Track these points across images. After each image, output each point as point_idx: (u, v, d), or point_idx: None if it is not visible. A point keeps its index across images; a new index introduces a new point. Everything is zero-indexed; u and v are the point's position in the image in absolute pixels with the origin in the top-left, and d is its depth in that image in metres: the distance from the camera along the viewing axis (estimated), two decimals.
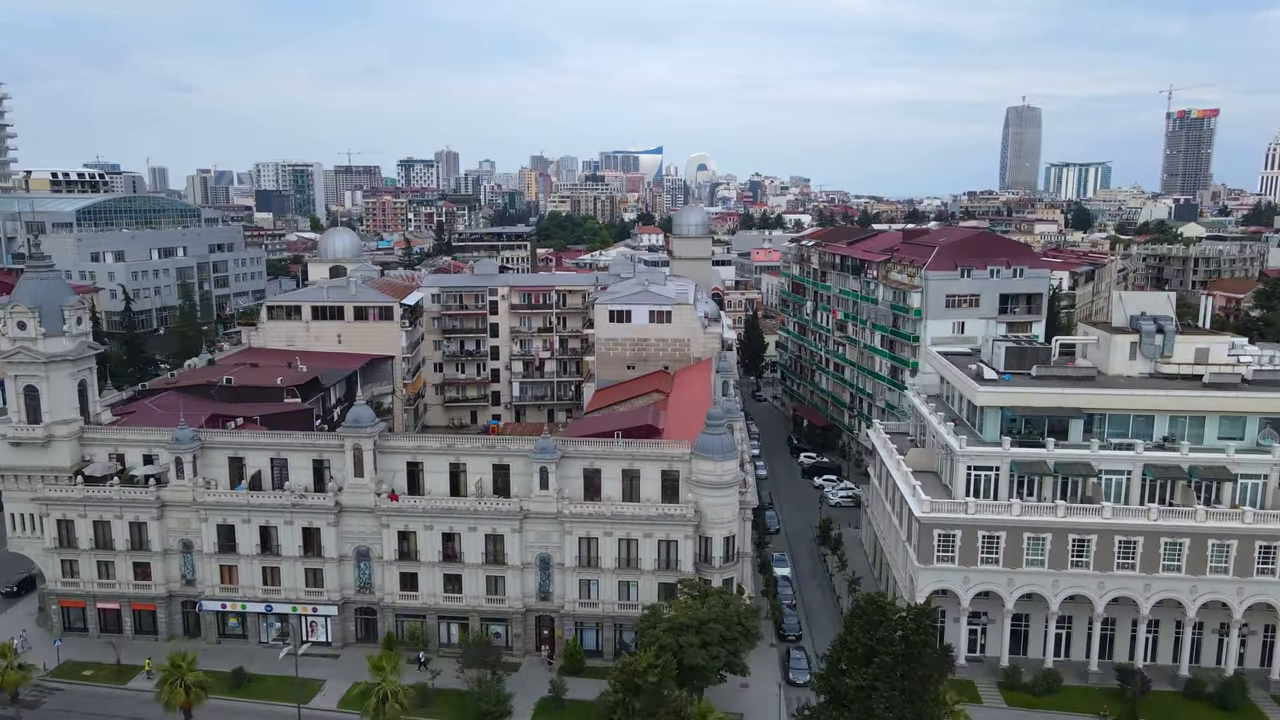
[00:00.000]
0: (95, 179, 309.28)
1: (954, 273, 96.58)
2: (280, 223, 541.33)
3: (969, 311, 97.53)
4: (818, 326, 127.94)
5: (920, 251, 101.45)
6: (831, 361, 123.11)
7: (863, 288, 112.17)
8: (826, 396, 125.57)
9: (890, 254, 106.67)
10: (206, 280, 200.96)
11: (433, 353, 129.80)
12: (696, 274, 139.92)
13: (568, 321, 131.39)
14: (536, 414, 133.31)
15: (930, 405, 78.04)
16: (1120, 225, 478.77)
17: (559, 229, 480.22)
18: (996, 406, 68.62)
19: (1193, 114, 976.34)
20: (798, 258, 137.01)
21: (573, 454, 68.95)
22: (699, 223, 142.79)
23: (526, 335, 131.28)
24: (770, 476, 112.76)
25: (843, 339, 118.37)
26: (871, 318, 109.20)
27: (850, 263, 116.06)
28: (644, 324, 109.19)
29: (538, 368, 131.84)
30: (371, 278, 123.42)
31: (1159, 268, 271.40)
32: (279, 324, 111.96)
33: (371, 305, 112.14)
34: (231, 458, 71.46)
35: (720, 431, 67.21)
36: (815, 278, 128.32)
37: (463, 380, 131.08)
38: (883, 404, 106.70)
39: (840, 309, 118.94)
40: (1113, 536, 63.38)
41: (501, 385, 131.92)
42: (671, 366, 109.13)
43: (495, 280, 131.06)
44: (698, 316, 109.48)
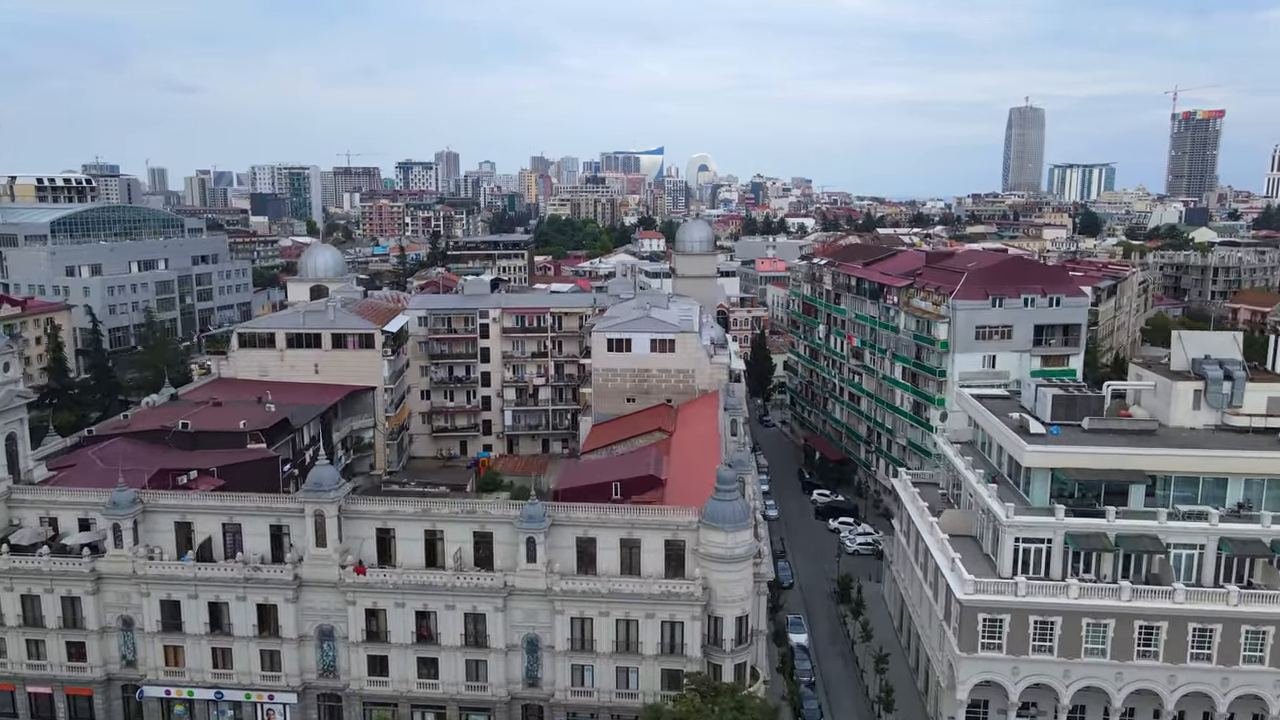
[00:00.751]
0: (82, 185, 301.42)
1: (984, 302, 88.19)
2: (276, 227, 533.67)
3: (1001, 344, 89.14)
4: (831, 352, 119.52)
5: (946, 277, 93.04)
6: (846, 391, 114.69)
7: (881, 314, 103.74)
8: (840, 428, 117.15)
9: (912, 279, 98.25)
10: (189, 293, 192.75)
11: (420, 379, 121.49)
12: (701, 293, 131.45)
13: (564, 345, 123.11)
14: (530, 444, 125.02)
15: (964, 457, 69.63)
16: (1130, 230, 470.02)
17: (558, 233, 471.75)
18: (1047, 468, 60.21)
19: (1198, 115, 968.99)
20: (809, 276, 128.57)
21: (564, 521, 60.59)
22: (703, 239, 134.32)
23: (519, 360, 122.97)
24: (781, 517, 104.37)
25: (859, 367, 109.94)
26: (891, 347, 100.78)
27: (867, 286, 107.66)
28: (645, 353, 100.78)
29: (531, 395, 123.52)
30: (353, 300, 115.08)
31: (1176, 277, 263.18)
32: (251, 353, 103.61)
33: (351, 333, 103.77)
34: (178, 522, 63.08)
35: (732, 497, 58.82)
36: (828, 299, 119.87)
37: (452, 409, 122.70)
38: (904, 441, 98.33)
39: (856, 335, 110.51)
40: (1185, 623, 55.02)
41: (493, 414, 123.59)
42: (675, 400, 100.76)
43: (486, 301, 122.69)
44: (703, 345, 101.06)
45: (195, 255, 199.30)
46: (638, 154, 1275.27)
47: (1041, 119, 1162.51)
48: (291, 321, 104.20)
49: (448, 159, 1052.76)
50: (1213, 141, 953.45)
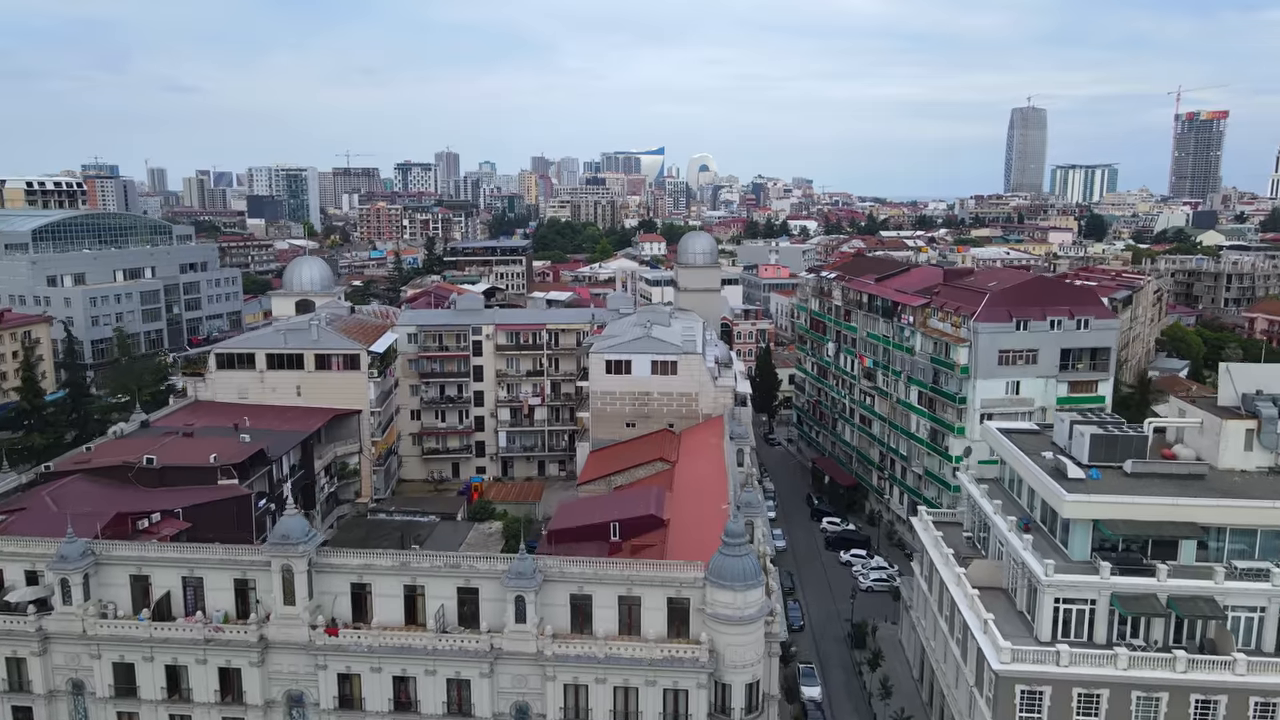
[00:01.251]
0: (73, 189, 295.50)
1: (1008, 325, 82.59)
2: (273, 229, 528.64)
3: (1025, 369, 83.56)
4: (840, 371, 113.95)
5: (965, 297, 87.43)
6: (857, 413, 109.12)
7: (895, 334, 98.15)
8: (851, 451, 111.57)
9: (929, 298, 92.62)
10: (176, 303, 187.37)
11: (409, 399, 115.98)
12: (704, 308, 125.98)
13: (560, 363, 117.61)
14: (526, 466, 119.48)
15: (991, 499, 64.03)
16: (1136, 233, 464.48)
17: (558, 236, 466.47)
18: (1088, 519, 54.59)
19: (1202, 115, 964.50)
20: (817, 290, 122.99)
21: (556, 577, 54.98)
22: (706, 251, 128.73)
23: (514, 379, 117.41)
24: (789, 548, 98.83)
25: (871, 389, 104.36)
26: (906, 370, 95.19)
27: (880, 304, 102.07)
28: (646, 376, 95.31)
29: (527, 415, 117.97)
30: (339, 316, 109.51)
31: (1188, 284, 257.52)
32: (229, 374, 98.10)
33: (335, 353, 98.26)
34: (134, 575, 57.54)
35: (742, 552, 53.25)
36: (838, 315, 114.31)
37: (443, 430, 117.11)
38: (920, 470, 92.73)
39: (868, 355, 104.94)
40: (1247, 698, 49.44)
41: (486, 434, 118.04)
42: (677, 425, 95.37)
43: (479, 317, 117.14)
44: (707, 366, 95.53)
45: (184, 263, 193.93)
46: (638, 154, 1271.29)
47: (1043, 119, 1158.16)
48: (272, 341, 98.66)
49: (448, 159, 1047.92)
50: (1216, 143, 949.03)
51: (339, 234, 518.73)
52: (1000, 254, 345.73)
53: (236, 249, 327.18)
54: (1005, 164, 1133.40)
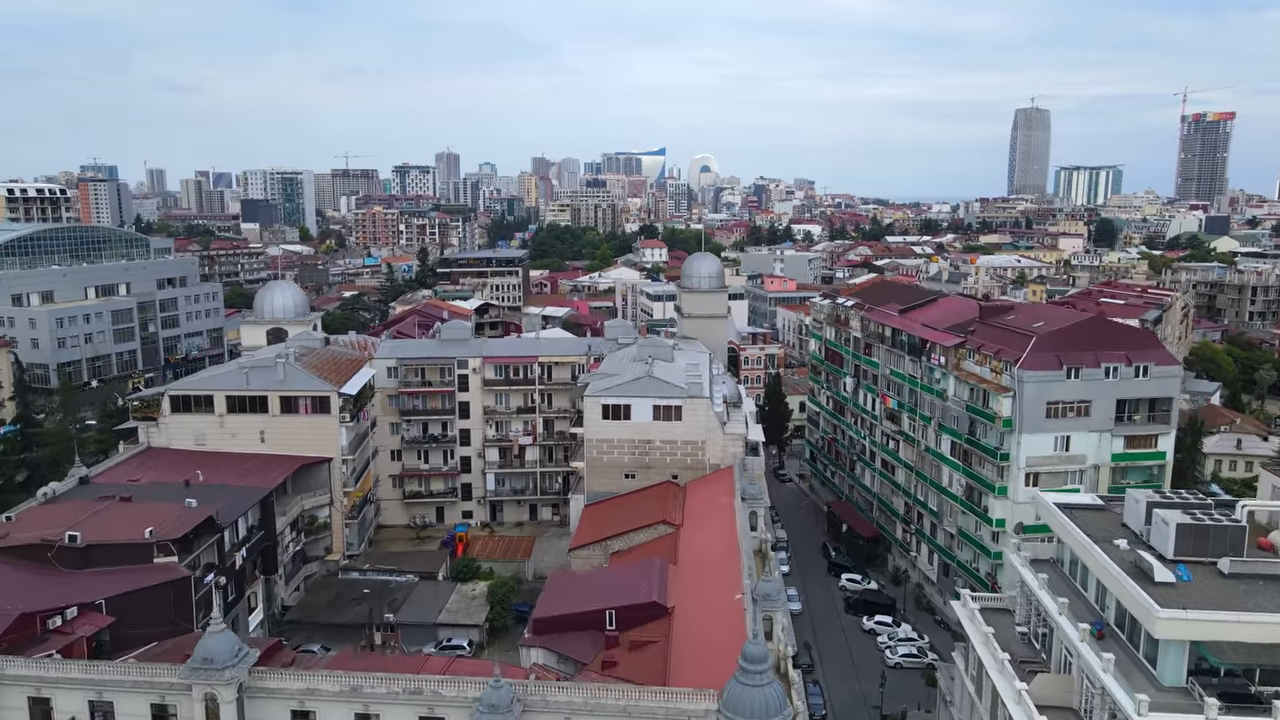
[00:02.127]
0: (57, 196, 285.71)
1: (1057, 373, 72.87)
2: (267, 233, 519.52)
3: (1076, 422, 73.84)
4: (859, 409, 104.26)
5: (1007, 339, 77.68)
6: (878, 457, 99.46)
7: (924, 375, 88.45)
8: (871, 497, 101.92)
9: (964, 336, 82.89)
10: (152, 320, 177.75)
11: (389, 438, 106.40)
12: (710, 336, 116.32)
13: (554, 399, 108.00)
14: (516, 510, 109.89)
15: (1053, 591, 54.32)
16: (1148, 239, 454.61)
17: (558, 240, 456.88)
18: (1185, 639, 44.90)
19: (1208, 117, 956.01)
20: (832, 318, 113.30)
21: (538, 707, 45.40)
22: (712, 274, 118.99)
23: (503, 416, 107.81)
24: (806, 611, 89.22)
25: (895, 433, 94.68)
26: (937, 415, 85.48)
27: (905, 339, 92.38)
28: (647, 422, 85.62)
29: (517, 456, 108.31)
30: (311, 349, 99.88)
31: (1211, 296, 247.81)
32: (185, 418, 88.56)
33: (303, 395, 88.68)
34: (33, 698, 47.99)
35: (762, 681, 43.58)
36: (857, 348, 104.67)
37: (426, 471, 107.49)
38: (953, 529, 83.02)
39: (892, 395, 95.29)
40: None
41: (473, 476, 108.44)
42: (682, 475, 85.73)
43: (465, 349, 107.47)
44: (715, 411, 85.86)
45: (161, 278, 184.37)
46: (639, 155, 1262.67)
47: (1047, 120, 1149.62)
48: (233, 382, 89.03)
49: (448, 160, 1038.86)
50: (1223, 144, 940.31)
51: (334, 239, 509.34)
52: (1011, 261, 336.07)
53: (226, 257, 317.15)
54: (1009, 165, 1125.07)
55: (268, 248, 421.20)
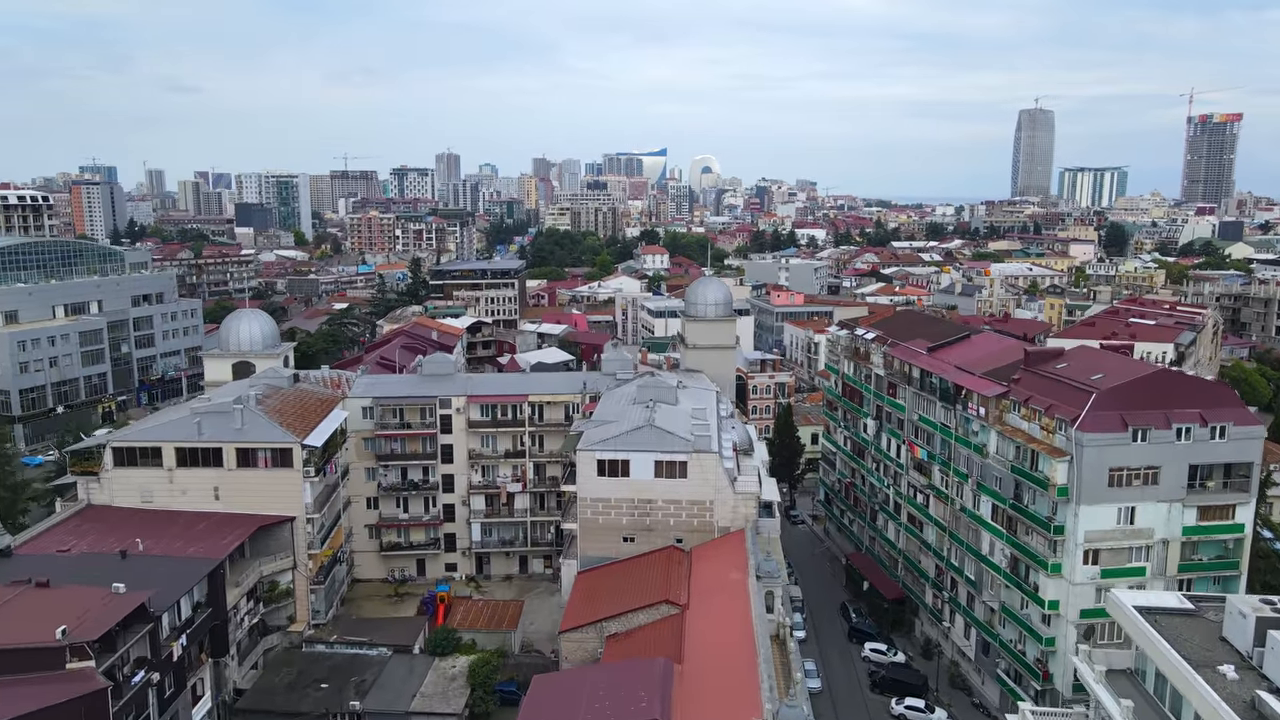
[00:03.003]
0: (39, 203, 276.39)
1: (1122, 435, 63.20)
2: (262, 238, 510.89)
3: (1142, 491, 64.19)
4: (882, 454, 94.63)
5: (1059, 392, 67.97)
6: (904, 509, 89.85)
7: (958, 425, 78.80)
8: (896, 554, 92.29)
9: (1006, 384, 73.21)
10: (125, 340, 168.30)
11: (364, 485, 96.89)
12: (717, 368, 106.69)
13: (545, 442, 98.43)
14: (505, 562, 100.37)
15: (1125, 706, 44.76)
16: (1160, 245, 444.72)
17: (557, 246, 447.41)
18: None
19: (1215, 118, 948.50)
20: (851, 351, 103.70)
21: None
22: (719, 301, 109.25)
23: (490, 460, 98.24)
24: (825, 688, 79.59)
25: (924, 486, 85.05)
26: (975, 474, 75.82)
27: (936, 383, 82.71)
28: (648, 479, 75.91)
29: (505, 504, 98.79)
30: (276, 390, 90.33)
31: (1235, 309, 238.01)
32: (130, 473, 79.07)
33: (262, 447, 79.16)
34: None
35: None
36: (879, 387, 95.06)
37: (405, 521, 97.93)
38: (994, 604, 73.32)
39: (920, 445, 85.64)
40: None
41: (457, 526, 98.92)
42: (687, 540, 76.10)
43: (448, 387, 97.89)
44: (725, 466, 76.20)
45: (136, 295, 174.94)
46: (640, 155, 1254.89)
47: (1051, 121, 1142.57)
48: (184, 431, 79.43)
49: (448, 161, 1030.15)
50: (1230, 146, 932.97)
51: (330, 244, 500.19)
52: (1023, 270, 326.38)
53: (215, 265, 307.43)
54: (1012, 166, 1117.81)
55: (261, 253, 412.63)
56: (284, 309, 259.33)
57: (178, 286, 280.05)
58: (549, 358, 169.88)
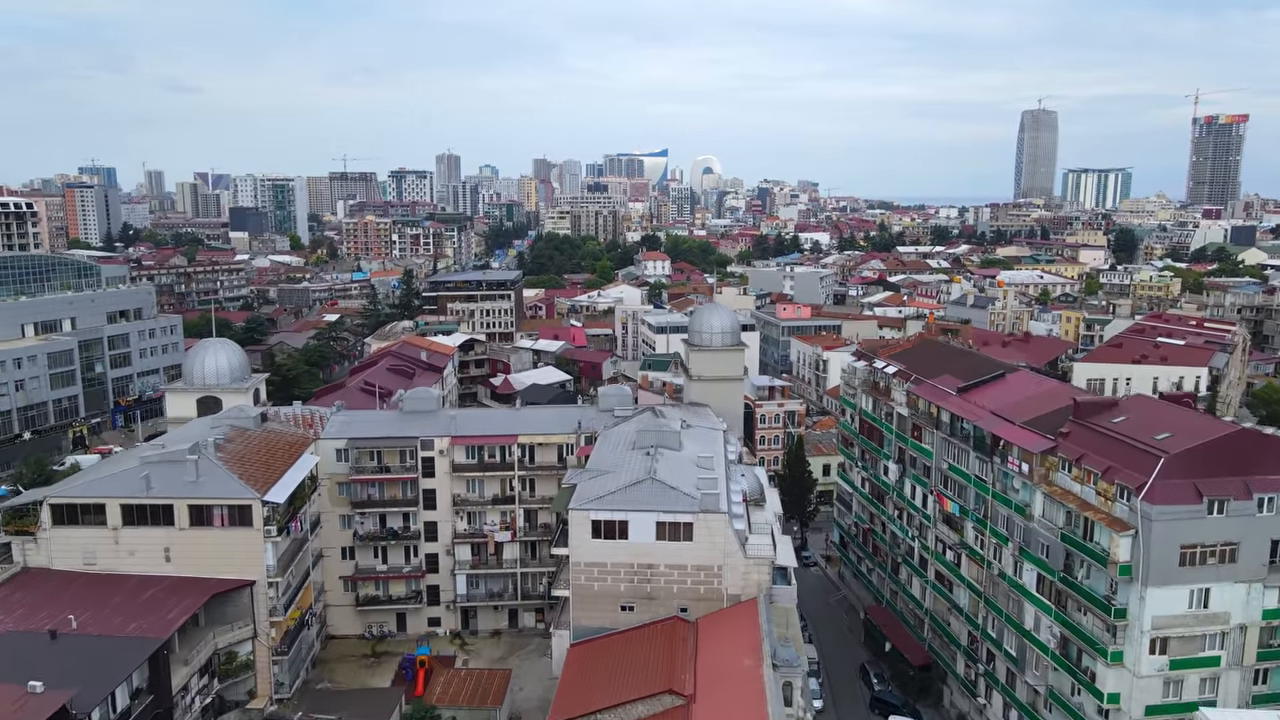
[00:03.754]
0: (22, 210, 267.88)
1: (1196, 507, 54.84)
2: (257, 242, 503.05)
3: (1219, 570, 55.83)
4: (905, 502, 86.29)
5: (1117, 451, 59.58)
6: (932, 566, 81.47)
7: (995, 479, 70.45)
8: (921, 613, 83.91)
9: (1054, 438, 64.84)
10: (99, 359, 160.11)
11: (339, 534, 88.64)
12: (723, 401, 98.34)
13: (536, 487, 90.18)
14: (493, 617, 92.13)
15: None
16: (1172, 250, 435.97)
17: (556, 251, 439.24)
18: None
19: (1220, 119, 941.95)
20: (869, 385, 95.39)
21: None
22: (725, 330, 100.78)
23: (476, 507, 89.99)
24: None
25: (955, 544, 76.69)
26: (1016, 536, 67.47)
27: (969, 431, 74.34)
28: (649, 541, 67.70)
29: (493, 554, 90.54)
30: (241, 432, 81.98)
31: (1256, 321, 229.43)
32: (70, 532, 70.91)
33: (217, 504, 70.91)
34: None
35: None
36: (901, 428, 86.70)
37: (384, 573, 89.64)
38: (1040, 686, 64.92)
39: (950, 496, 77.28)
40: None
41: (441, 577, 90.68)
42: (692, 609, 67.89)
43: (430, 426, 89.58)
44: (735, 528, 67.91)
45: (112, 310, 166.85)
46: (641, 156, 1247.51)
47: (1054, 122, 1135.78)
48: (131, 486, 71.11)
49: (448, 162, 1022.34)
50: (1235, 147, 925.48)
51: (326, 248, 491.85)
52: (1033, 278, 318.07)
53: (204, 274, 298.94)
54: (1015, 167, 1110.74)
55: (255, 258, 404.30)
56: (273, 320, 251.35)
57: (167, 295, 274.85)
58: (545, 377, 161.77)
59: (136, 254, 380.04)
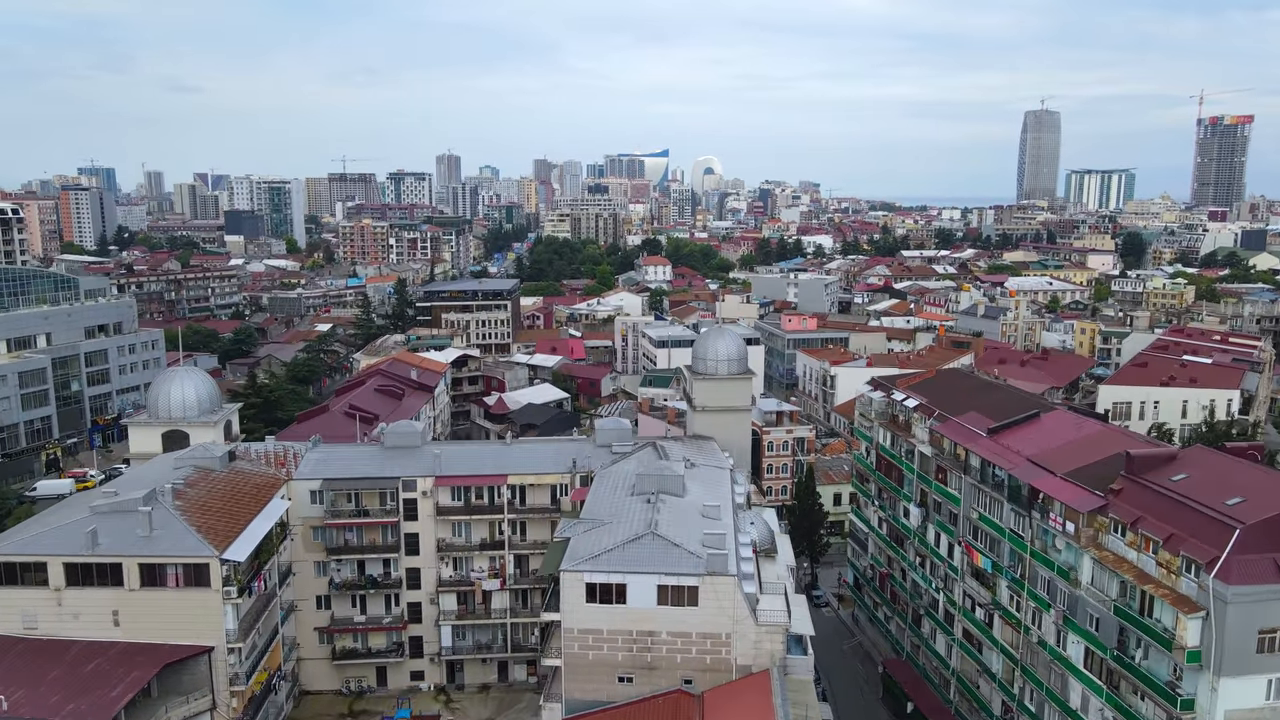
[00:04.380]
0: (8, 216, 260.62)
1: (1277, 586, 47.87)
2: (252, 246, 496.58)
3: None
4: (928, 549, 79.31)
5: (1177, 515, 52.61)
6: (959, 623, 74.47)
7: (1034, 537, 63.45)
8: (947, 673, 76.87)
9: (1103, 494, 57.83)
10: (75, 377, 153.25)
11: (314, 581, 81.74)
12: (730, 434, 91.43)
13: (527, 530, 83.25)
14: (481, 670, 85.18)
15: None
16: (1182, 255, 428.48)
17: (556, 255, 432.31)
18: None
19: (1225, 120, 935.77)
20: (887, 416, 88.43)
21: None
22: (732, 357, 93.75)
23: (463, 552, 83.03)
24: None
25: (987, 603, 69.69)
26: (1060, 603, 60.46)
27: (1000, 477, 67.37)
28: (649, 607, 60.81)
29: (481, 602, 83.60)
30: (206, 474, 75.11)
31: (1276, 331, 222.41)
32: (9, 593, 63.96)
33: (171, 563, 64.00)
34: None
35: None
36: (924, 468, 79.72)
37: (362, 625, 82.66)
38: None
39: (981, 549, 70.29)
40: None
41: (424, 628, 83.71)
42: (697, 680, 60.98)
43: (412, 465, 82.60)
44: (745, 591, 60.98)
45: (90, 325, 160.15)
46: (642, 157, 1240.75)
47: (1057, 122, 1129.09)
48: (75, 541, 64.12)
49: (449, 162, 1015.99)
50: (1241, 148, 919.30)
51: (323, 251, 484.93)
52: (1043, 284, 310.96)
53: (195, 280, 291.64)
54: (1018, 167, 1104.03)
55: (249, 263, 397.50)
56: (263, 330, 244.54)
57: (157, 303, 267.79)
58: (541, 396, 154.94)
59: (130, 258, 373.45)
